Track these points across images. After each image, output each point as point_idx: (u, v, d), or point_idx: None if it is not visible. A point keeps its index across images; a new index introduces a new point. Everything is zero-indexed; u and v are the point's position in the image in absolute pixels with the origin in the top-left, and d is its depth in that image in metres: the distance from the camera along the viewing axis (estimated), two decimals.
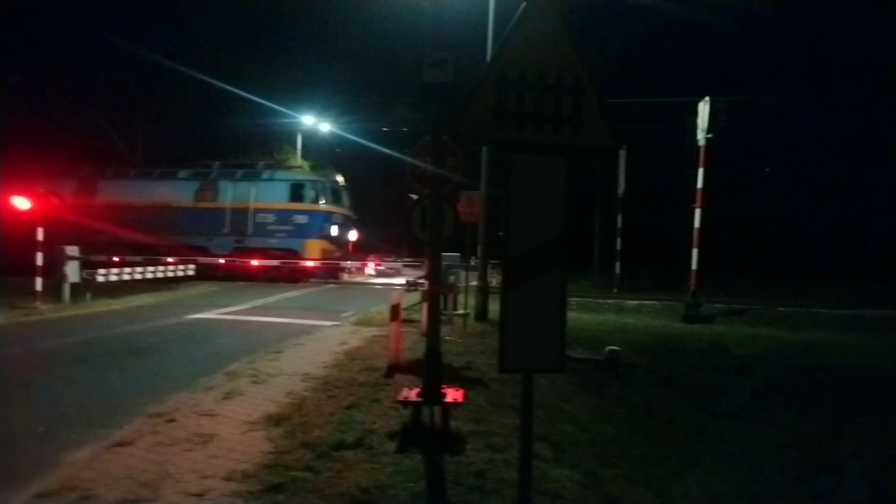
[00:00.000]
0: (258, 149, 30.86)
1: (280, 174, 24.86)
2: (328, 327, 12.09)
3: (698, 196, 18.09)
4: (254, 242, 23.79)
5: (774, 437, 7.80)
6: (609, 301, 19.76)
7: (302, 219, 23.49)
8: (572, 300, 18.82)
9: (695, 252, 17.99)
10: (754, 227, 45.84)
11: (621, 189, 27.64)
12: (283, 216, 23.82)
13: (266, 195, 24.19)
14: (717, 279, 21.66)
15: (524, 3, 3.15)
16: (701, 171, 18.13)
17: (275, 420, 5.70)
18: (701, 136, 18.17)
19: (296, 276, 23.55)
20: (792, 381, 10.46)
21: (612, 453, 6.32)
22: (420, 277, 17.40)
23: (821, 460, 7.06)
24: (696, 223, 18.03)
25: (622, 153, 29.44)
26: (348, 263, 25.49)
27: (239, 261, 22.97)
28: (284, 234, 23.59)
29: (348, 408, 6.06)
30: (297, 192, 23.85)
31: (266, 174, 24.90)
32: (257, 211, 24.00)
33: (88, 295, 15.72)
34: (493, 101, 3.16)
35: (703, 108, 18.19)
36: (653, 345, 12.94)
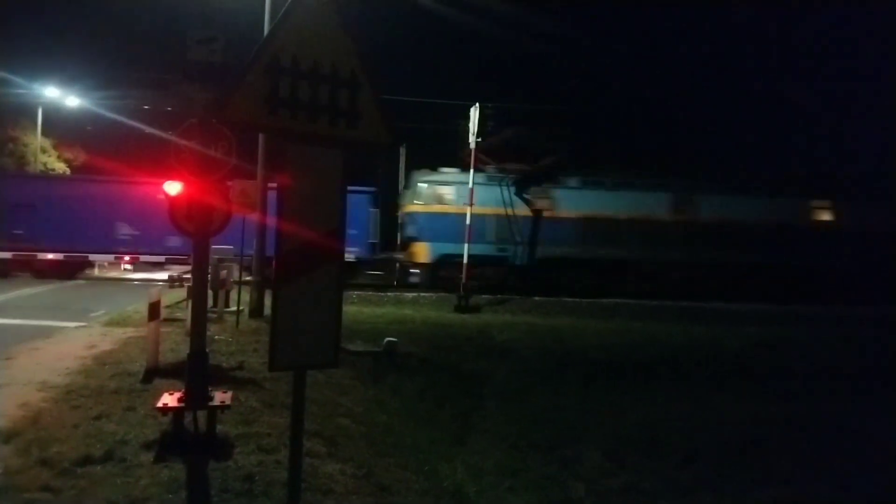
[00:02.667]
0: None
1: None
2: (73, 329, 10.67)
3: (469, 195, 19.32)
4: None
5: (530, 414, 8.63)
6: (389, 294, 20.24)
7: None
8: (352, 293, 18.95)
9: (465, 247, 19.20)
10: None
11: (402, 185, 28.53)
12: None
13: None
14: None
15: None
16: (472, 172, 19.39)
17: (4, 436, 4.93)
18: (472, 140, 19.43)
19: None
20: (544, 363, 11.68)
21: (387, 442, 6.48)
22: (185, 272, 16.14)
23: (567, 432, 7.97)
24: (468, 221, 19.25)
25: (402, 150, 30.43)
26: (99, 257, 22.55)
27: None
28: None
29: (97, 418, 5.44)
30: None
31: None
32: None
33: None
34: (265, 87, 3.00)
35: (474, 114, 19.46)
36: (428, 334, 13.54)
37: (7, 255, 20.59)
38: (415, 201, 21.99)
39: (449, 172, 22.07)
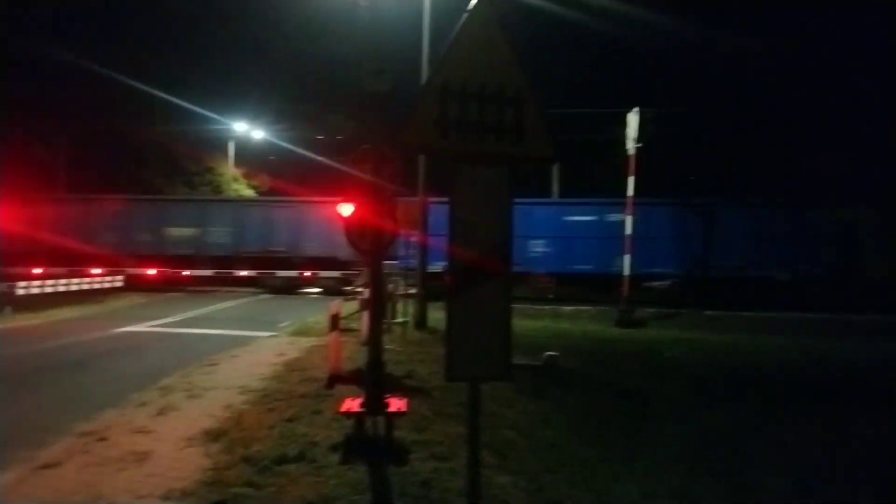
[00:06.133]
0: (187, 156, 29.86)
1: None
2: (265, 338, 11.83)
3: (628, 204, 18.68)
4: None
5: (703, 437, 8.10)
6: (546, 307, 20.09)
7: None
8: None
9: (626, 258, 18.55)
10: None
11: (555, 197, 28.34)
12: None
13: None
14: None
15: (465, 15, 3.20)
16: (631, 180, 18.75)
17: (213, 435, 5.55)
18: (630, 146, 18.81)
19: None
20: (717, 382, 10.91)
21: (553, 458, 6.42)
22: (358, 286, 17.27)
23: (745, 457, 7.38)
24: (628, 230, 18.61)
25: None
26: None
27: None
28: None
29: (289, 420, 5.97)
30: None
31: None
32: None
33: (9, 309, 14.85)
34: (436, 112, 3.18)
35: (633, 119, 18.85)
36: (589, 349, 13.23)
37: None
38: None
39: None
